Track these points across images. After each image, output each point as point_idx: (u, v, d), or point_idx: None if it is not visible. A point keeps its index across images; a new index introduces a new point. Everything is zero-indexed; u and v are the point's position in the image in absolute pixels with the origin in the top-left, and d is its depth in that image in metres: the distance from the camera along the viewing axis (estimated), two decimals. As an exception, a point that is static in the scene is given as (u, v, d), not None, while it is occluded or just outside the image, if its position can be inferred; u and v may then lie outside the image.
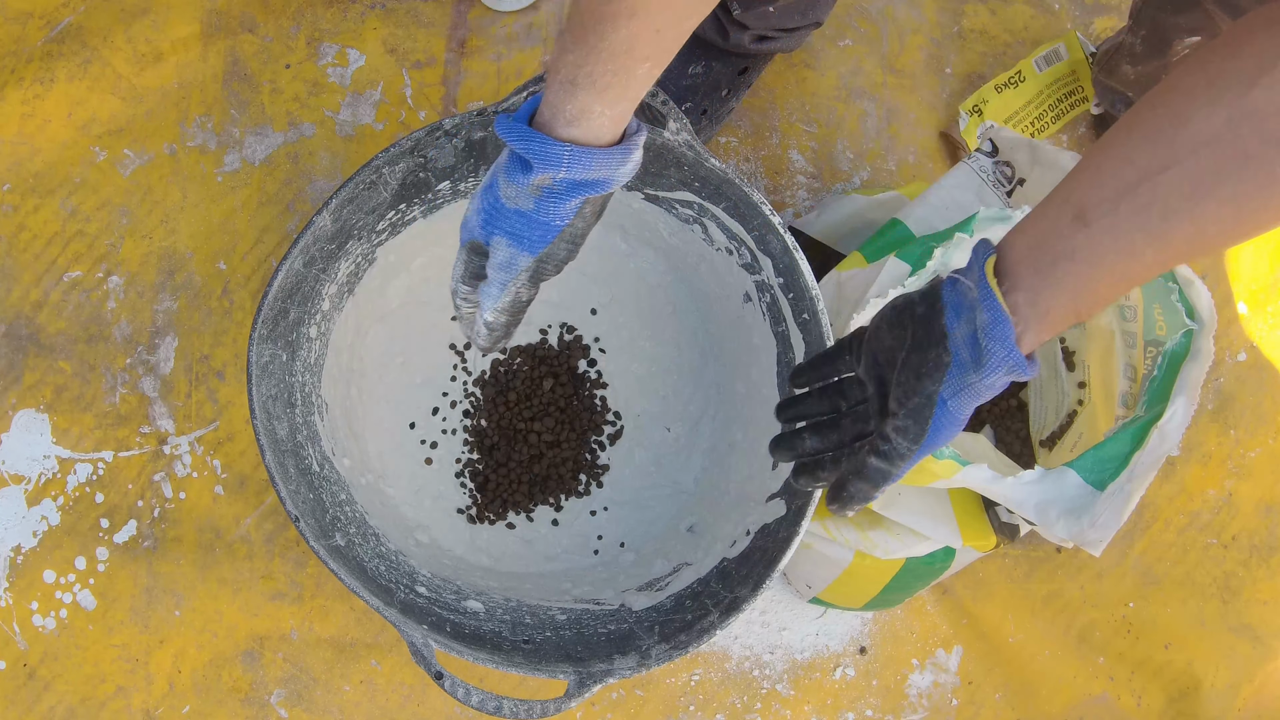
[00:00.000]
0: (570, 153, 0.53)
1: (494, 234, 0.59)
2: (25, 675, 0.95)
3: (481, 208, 0.59)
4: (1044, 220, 0.52)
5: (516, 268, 0.59)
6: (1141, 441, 0.72)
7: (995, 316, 0.51)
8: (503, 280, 0.60)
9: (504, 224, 0.58)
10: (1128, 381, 0.81)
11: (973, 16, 1.13)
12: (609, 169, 0.55)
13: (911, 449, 0.56)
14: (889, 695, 1.04)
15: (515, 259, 0.59)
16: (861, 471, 0.58)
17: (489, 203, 0.59)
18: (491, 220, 0.58)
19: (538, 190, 0.55)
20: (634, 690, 1.01)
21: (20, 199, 1.00)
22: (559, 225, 0.57)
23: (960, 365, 0.53)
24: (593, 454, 0.98)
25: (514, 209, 0.57)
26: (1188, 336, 0.76)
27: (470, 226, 0.61)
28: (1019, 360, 0.52)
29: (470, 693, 0.71)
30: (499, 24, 1.07)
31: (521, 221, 0.57)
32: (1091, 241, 0.49)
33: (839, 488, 0.60)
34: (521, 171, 0.55)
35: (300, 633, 0.98)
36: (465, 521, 0.95)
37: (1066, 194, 0.51)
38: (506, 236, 0.58)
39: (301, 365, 0.83)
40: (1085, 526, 0.71)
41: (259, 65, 1.03)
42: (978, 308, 0.52)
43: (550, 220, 0.56)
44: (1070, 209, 0.50)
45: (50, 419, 0.98)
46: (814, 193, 1.08)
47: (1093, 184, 0.49)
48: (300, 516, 0.75)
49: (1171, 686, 1.07)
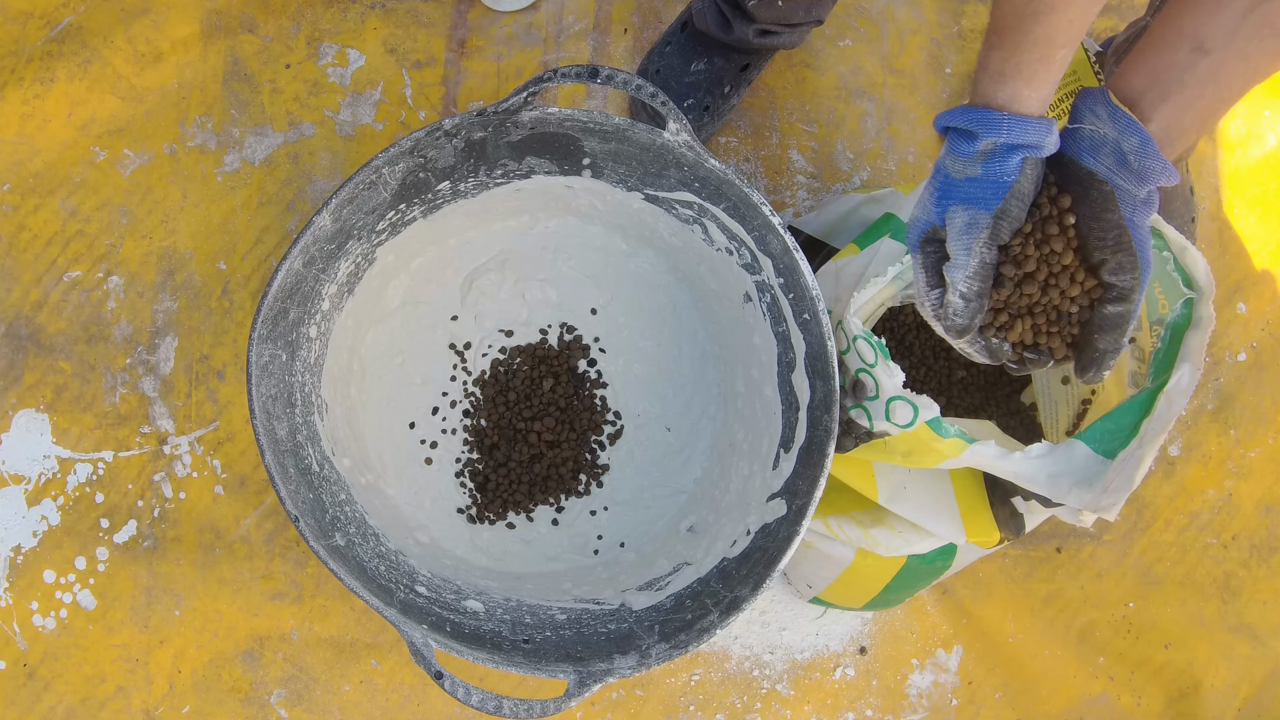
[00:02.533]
0: (1008, 119, 0.61)
1: (950, 205, 0.65)
2: (25, 675, 0.95)
3: (934, 190, 0.66)
4: (1162, 54, 0.58)
5: (979, 227, 0.64)
6: (1149, 409, 0.72)
7: (1143, 138, 0.59)
8: (966, 244, 0.64)
9: (958, 192, 0.64)
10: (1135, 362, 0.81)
11: (973, 16, 1.13)
12: (1040, 134, 0.61)
13: (1134, 279, 0.63)
14: (889, 695, 1.04)
15: (976, 219, 0.64)
16: (1103, 324, 0.65)
17: (940, 183, 0.65)
18: (946, 194, 0.65)
19: (984, 155, 0.62)
20: (634, 690, 1.01)
21: (20, 199, 1.00)
22: (1008, 181, 0.63)
23: (1122, 189, 0.61)
24: (593, 454, 0.98)
25: (965, 178, 0.64)
26: (1188, 305, 0.76)
27: (921, 219, 0.67)
28: (1171, 169, 0.60)
29: (470, 692, 0.71)
30: (499, 24, 1.07)
31: (974, 185, 0.63)
32: (1216, 67, 0.56)
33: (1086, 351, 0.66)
34: (967, 142, 0.62)
35: (300, 633, 0.98)
36: (465, 521, 0.95)
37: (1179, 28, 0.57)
38: (963, 203, 0.64)
39: (301, 365, 0.83)
40: (1098, 494, 0.71)
41: (259, 65, 1.03)
42: (1120, 137, 0.60)
43: (1000, 177, 0.63)
44: (1187, 41, 0.57)
45: (50, 419, 0.98)
46: (814, 193, 1.08)
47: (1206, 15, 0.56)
48: (300, 516, 0.75)
49: (1171, 686, 1.07)
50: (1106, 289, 0.64)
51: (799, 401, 0.81)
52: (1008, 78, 0.60)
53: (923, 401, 0.72)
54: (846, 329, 0.76)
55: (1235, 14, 0.55)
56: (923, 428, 0.72)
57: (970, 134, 0.62)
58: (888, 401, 0.73)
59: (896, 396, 0.73)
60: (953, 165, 0.64)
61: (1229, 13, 0.55)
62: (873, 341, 0.74)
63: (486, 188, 0.87)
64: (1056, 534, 1.07)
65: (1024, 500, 0.83)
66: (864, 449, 0.78)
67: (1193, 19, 0.57)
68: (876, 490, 0.81)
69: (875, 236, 0.86)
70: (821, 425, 0.77)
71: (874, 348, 0.74)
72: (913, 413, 0.72)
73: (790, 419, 0.83)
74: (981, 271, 0.65)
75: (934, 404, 0.72)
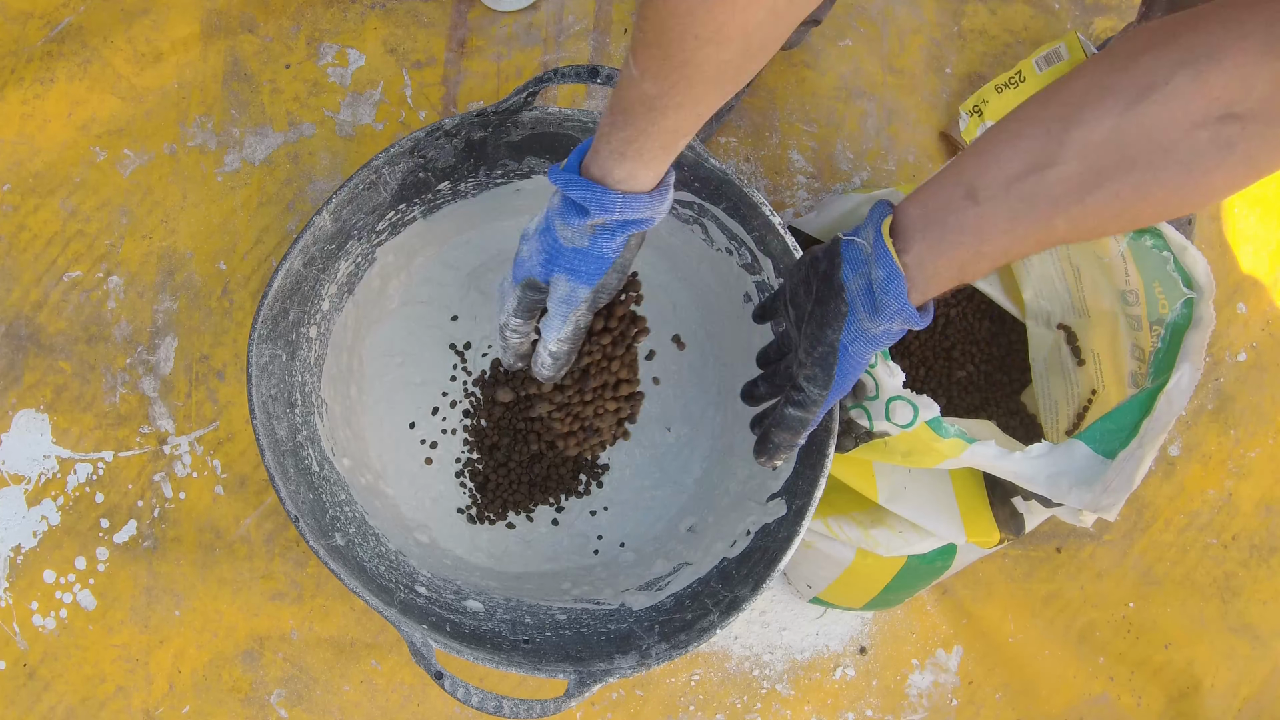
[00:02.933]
0: (622, 200, 0.61)
1: (554, 272, 0.66)
2: (25, 675, 0.95)
3: (541, 249, 0.66)
4: (938, 192, 0.56)
5: (577, 299, 0.66)
6: (1149, 409, 0.72)
7: (890, 273, 0.57)
8: (564, 312, 0.67)
9: (563, 261, 0.65)
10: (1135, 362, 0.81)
11: (973, 16, 1.13)
12: (652, 209, 0.63)
13: (821, 395, 0.64)
14: (889, 695, 1.04)
15: (575, 291, 0.66)
16: (781, 421, 0.66)
17: (548, 244, 0.66)
18: (552, 260, 0.66)
19: (592, 230, 0.63)
20: (634, 690, 1.01)
21: (20, 199, 1.00)
22: (612, 258, 0.65)
23: (856, 315, 0.60)
24: (593, 454, 0.98)
25: (571, 248, 0.64)
26: (1188, 305, 0.76)
27: (527, 266, 0.68)
28: (911, 312, 0.58)
29: (470, 692, 0.71)
30: (499, 24, 1.07)
31: (579, 258, 0.65)
32: (980, 218, 0.54)
33: (764, 439, 0.68)
34: (577, 215, 0.63)
35: (300, 633, 0.98)
36: (465, 521, 0.95)
37: (960, 171, 0.55)
38: (566, 273, 0.66)
39: (301, 365, 0.83)
40: (1098, 494, 0.71)
41: (259, 65, 1.03)
42: (873, 264, 0.58)
43: (605, 254, 0.64)
44: (962, 186, 0.55)
45: (50, 419, 0.98)
46: (814, 193, 1.08)
47: (985, 167, 0.54)
48: (300, 516, 0.75)
49: (1171, 686, 1.07)
50: (796, 390, 0.65)
51: (799, 401, 0.81)
52: (628, 159, 0.59)
53: (923, 401, 0.72)
54: None
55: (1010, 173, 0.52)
56: (923, 428, 0.72)
57: (583, 208, 0.62)
58: (888, 401, 0.73)
59: (896, 396, 0.73)
60: (562, 230, 0.64)
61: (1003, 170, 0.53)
62: None
63: (486, 188, 0.87)
64: (1056, 534, 1.07)
65: (1024, 500, 0.83)
66: (864, 449, 0.78)
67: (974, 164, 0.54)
68: (876, 490, 0.81)
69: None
70: (821, 425, 0.77)
71: None
72: (913, 413, 0.72)
73: (790, 419, 0.83)
74: (574, 336, 0.69)
75: (934, 404, 0.72)
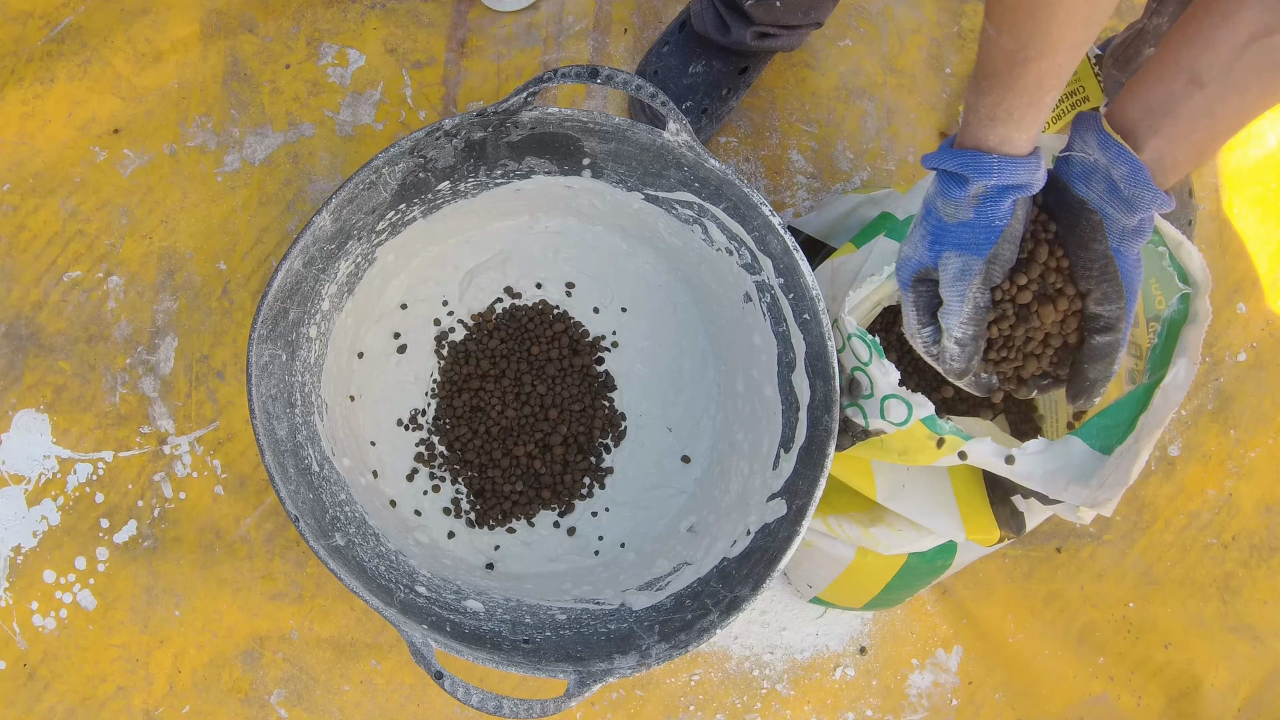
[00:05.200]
0: (1000, 162, 0.61)
1: (943, 250, 0.65)
2: (25, 675, 0.95)
3: (925, 233, 0.66)
4: (1156, 86, 0.58)
5: (971, 273, 0.65)
6: (1146, 404, 0.72)
7: (1134, 166, 0.59)
8: (960, 290, 0.65)
9: (951, 237, 0.64)
10: (1132, 359, 0.81)
11: (973, 16, 1.13)
12: (1030, 173, 0.62)
13: (1119, 308, 0.64)
14: (889, 695, 1.04)
15: (969, 265, 0.65)
16: (1091, 354, 0.66)
17: (931, 226, 0.65)
18: (939, 239, 0.65)
19: (975, 200, 0.63)
20: (634, 690, 1.01)
21: (20, 199, 1.00)
22: (1000, 225, 0.63)
23: (1110, 217, 0.61)
24: (598, 456, 0.98)
25: (956, 222, 0.64)
26: (1184, 301, 0.76)
27: (914, 259, 0.67)
28: (1164, 196, 0.59)
29: (470, 692, 0.71)
30: (499, 24, 1.07)
31: (967, 230, 0.64)
32: (1209, 100, 0.56)
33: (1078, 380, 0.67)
34: (958, 186, 0.62)
35: (300, 633, 0.98)
36: (465, 525, 0.95)
37: (1175, 61, 0.57)
38: (955, 248, 0.65)
39: (301, 365, 0.83)
40: (1094, 489, 0.71)
41: (259, 65, 1.04)
42: (1111, 165, 0.60)
43: (993, 221, 0.63)
44: (1184, 74, 0.56)
45: (50, 419, 0.98)
46: (814, 193, 1.08)
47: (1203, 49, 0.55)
48: (300, 516, 0.75)
49: (1171, 686, 1.07)
50: (1093, 319, 0.65)
51: (799, 401, 0.81)
52: (998, 121, 0.60)
53: (917, 399, 0.72)
54: (841, 327, 0.76)
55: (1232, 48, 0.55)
56: (917, 425, 0.72)
57: (962, 178, 0.62)
58: (882, 400, 0.73)
59: (891, 395, 0.73)
60: (944, 208, 0.64)
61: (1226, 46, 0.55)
62: (867, 340, 0.74)
63: (486, 188, 0.87)
64: (1057, 534, 1.08)
65: (1023, 498, 0.83)
66: (860, 447, 0.78)
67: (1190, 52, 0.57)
68: (875, 488, 0.81)
69: (871, 235, 0.86)
70: (822, 425, 0.77)
71: (868, 346, 0.74)
72: (907, 411, 0.72)
73: (790, 419, 0.83)
74: (975, 316, 0.67)
75: (928, 402, 0.72)
